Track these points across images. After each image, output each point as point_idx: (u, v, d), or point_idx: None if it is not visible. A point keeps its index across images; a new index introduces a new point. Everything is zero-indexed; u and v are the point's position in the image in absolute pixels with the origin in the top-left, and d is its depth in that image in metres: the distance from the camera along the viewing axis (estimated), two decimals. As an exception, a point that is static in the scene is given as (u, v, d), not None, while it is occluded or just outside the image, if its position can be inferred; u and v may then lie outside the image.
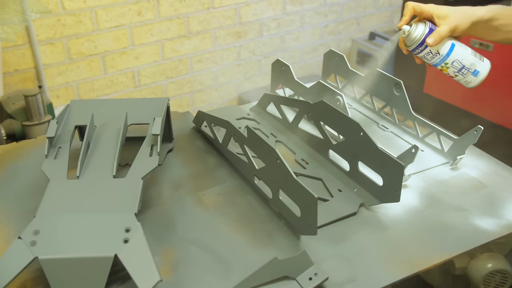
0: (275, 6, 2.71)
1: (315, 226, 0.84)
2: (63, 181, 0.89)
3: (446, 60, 1.04)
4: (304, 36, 2.91)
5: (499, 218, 0.96)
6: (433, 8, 1.03)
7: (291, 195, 0.88)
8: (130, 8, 2.29)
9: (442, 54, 1.04)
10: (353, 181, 1.01)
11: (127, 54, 2.38)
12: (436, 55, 1.04)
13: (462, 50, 1.04)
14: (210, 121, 1.14)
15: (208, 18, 2.52)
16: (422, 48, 1.04)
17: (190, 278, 0.81)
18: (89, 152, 0.97)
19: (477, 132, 1.06)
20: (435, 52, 1.04)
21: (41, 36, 2.13)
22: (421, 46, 1.04)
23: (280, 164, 0.88)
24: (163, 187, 1.03)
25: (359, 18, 3.06)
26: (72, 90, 2.32)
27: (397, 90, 1.21)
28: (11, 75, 2.15)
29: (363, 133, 0.96)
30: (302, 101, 1.13)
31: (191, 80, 2.64)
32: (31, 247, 0.75)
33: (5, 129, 1.85)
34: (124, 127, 1.02)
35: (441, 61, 1.05)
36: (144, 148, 0.97)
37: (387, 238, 0.90)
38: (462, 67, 1.04)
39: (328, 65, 1.41)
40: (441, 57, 1.04)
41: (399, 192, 0.92)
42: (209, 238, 0.89)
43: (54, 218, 0.81)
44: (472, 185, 1.06)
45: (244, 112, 1.31)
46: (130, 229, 0.78)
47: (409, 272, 0.83)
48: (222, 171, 1.08)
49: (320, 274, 0.79)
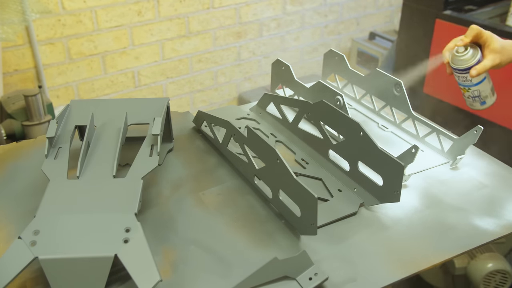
0: (275, 6, 2.71)
1: (315, 226, 0.84)
2: (63, 181, 0.89)
3: (472, 88, 1.13)
4: (304, 36, 2.91)
5: (499, 218, 0.96)
6: (490, 39, 1.09)
7: (291, 195, 0.88)
8: (130, 8, 2.29)
9: (473, 83, 1.13)
10: (353, 181, 1.01)
11: (127, 54, 2.38)
12: (469, 81, 1.13)
13: (487, 84, 1.14)
14: (210, 121, 1.14)
15: (208, 18, 2.52)
16: (464, 73, 1.11)
17: (190, 278, 0.81)
18: (89, 152, 0.97)
19: (477, 132, 1.06)
20: (469, 79, 1.12)
21: (41, 36, 2.13)
22: (464, 71, 1.11)
23: (280, 164, 0.88)
24: (163, 187, 1.03)
25: (359, 18, 3.06)
26: (72, 90, 2.32)
27: (397, 90, 1.21)
28: (11, 75, 2.15)
29: (363, 133, 0.96)
30: (302, 101, 1.13)
31: (191, 80, 2.64)
32: (31, 247, 0.75)
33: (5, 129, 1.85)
34: (124, 127, 1.02)
35: (467, 85, 1.14)
36: (144, 148, 0.97)
37: (387, 238, 0.90)
38: (478, 96, 1.15)
39: (328, 65, 1.41)
40: (471, 84, 1.13)
41: (399, 192, 0.92)
42: (209, 238, 0.89)
43: (54, 218, 0.81)
44: (472, 185, 1.06)
45: (244, 112, 1.31)
46: (130, 229, 0.78)
47: (409, 272, 0.83)
48: (222, 171, 1.08)
49: (320, 274, 0.79)
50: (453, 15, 2.07)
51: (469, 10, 2.16)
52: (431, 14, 2.12)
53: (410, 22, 2.28)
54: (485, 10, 2.20)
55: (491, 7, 2.22)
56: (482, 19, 2.10)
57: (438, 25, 2.11)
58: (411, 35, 2.29)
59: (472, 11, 2.16)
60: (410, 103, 1.20)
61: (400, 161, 0.90)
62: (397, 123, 1.26)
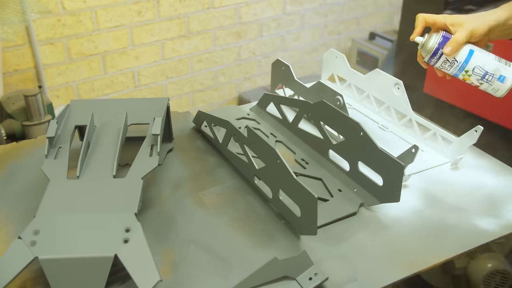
0: (275, 6, 2.71)
1: (315, 226, 0.84)
2: (63, 181, 0.89)
3: (466, 67, 0.98)
4: (304, 36, 2.91)
5: (499, 218, 0.96)
6: (446, 17, 1.00)
7: (291, 195, 0.88)
8: (130, 8, 2.29)
9: (460, 61, 0.98)
10: (353, 181, 1.01)
11: (127, 54, 2.38)
12: (454, 63, 0.98)
13: (483, 55, 0.98)
14: (210, 121, 1.14)
15: (208, 18, 2.52)
16: (437, 57, 0.99)
17: (190, 278, 0.81)
18: (89, 152, 0.97)
19: (477, 132, 1.06)
20: (452, 60, 0.98)
21: (41, 36, 2.13)
22: (435, 55, 0.99)
23: (280, 164, 0.88)
24: (163, 187, 1.03)
25: (359, 18, 3.06)
26: (72, 90, 2.32)
27: (397, 90, 1.21)
28: (11, 75, 2.15)
29: (363, 133, 0.96)
30: (302, 101, 1.13)
31: (191, 80, 2.64)
32: (31, 247, 0.75)
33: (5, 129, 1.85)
34: (124, 127, 1.02)
35: (460, 69, 0.99)
36: (144, 148, 0.97)
37: (387, 238, 0.90)
38: (485, 73, 0.97)
39: (328, 65, 1.41)
40: (460, 64, 0.98)
41: (399, 192, 0.92)
42: (209, 238, 0.89)
43: (54, 218, 0.81)
44: (472, 185, 1.06)
45: (244, 112, 1.31)
46: (130, 229, 0.78)
47: (409, 272, 0.83)
48: (222, 171, 1.08)
49: (320, 274, 0.79)
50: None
51: (469, 10, 2.16)
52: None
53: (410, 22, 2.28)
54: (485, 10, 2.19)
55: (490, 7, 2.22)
56: (482, 19, 2.10)
57: (438, 25, 2.10)
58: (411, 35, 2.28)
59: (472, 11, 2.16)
60: (410, 103, 1.20)
61: (400, 161, 0.89)
62: (397, 123, 1.26)
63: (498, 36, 1.02)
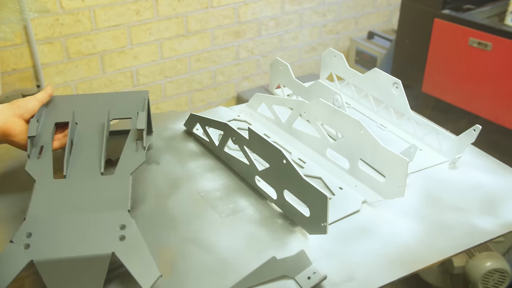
0: (273, 5, 2.71)
1: (326, 226, 0.83)
2: (50, 181, 0.87)
3: None
4: (302, 35, 2.91)
5: (497, 217, 0.96)
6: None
7: (300, 196, 0.87)
8: (128, 8, 2.29)
9: None
10: (354, 178, 1.01)
11: (125, 54, 2.38)
12: None
13: None
14: (204, 124, 1.13)
15: (206, 17, 2.52)
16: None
17: (189, 277, 0.81)
18: (73, 150, 0.94)
19: (476, 131, 1.06)
20: None
21: (39, 35, 2.13)
22: None
23: (287, 164, 0.87)
24: (161, 186, 1.03)
25: (357, 17, 3.06)
26: (71, 90, 2.31)
27: (396, 89, 1.21)
28: (9, 75, 2.14)
29: (363, 131, 0.96)
30: (295, 100, 1.13)
31: (189, 79, 2.64)
32: (24, 250, 0.74)
33: (3, 129, 1.84)
34: (108, 123, 1.00)
35: None
36: (130, 143, 0.95)
37: (385, 237, 0.90)
38: None
39: (327, 65, 1.41)
40: None
41: (403, 187, 0.92)
42: (209, 238, 0.89)
43: (46, 220, 0.79)
44: (471, 184, 1.06)
45: (234, 114, 1.30)
46: (124, 226, 0.78)
47: (408, 271, 0.83)
48: (221, 171, 1.08)
49: (319, 273, 0.79)
50: (452, 14, 2.08)
51: (468, 9, 2.17)
52: (430, 13, 2.12)
53: (409, 22, 2.28)
54: (484, 9, 2.20)
55: (489, 6, 2.22)
56: (480, 18, 2.10)
57: (437, 24, 2.11)
58: (410, 34, 2.29)
59: (470, 10, 2.16)
60: (409, 102, 1.20)
61: (404, 157, 0.89)
62: (395, 122, 1.26)
63: None
